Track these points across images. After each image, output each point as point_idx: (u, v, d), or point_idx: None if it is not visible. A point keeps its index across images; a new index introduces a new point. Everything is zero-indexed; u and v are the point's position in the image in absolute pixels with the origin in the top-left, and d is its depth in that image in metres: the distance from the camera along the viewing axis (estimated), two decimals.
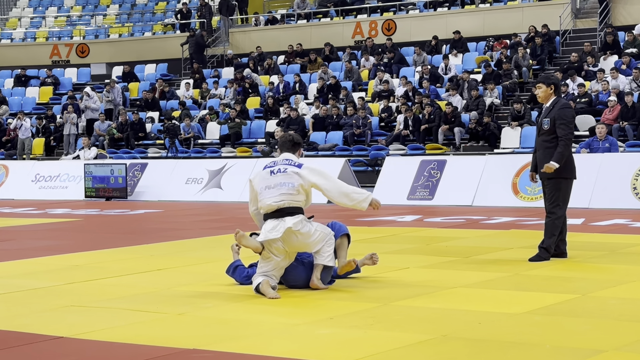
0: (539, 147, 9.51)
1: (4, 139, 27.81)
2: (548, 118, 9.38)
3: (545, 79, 9.58)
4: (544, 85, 9.50)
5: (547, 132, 9.40)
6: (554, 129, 9.34)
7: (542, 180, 9.55)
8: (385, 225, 13.85)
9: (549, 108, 9.45)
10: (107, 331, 6.57)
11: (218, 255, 10.69)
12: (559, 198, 9.41)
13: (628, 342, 5.90)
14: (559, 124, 9.32)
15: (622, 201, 15.29)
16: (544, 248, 9.44)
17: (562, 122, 9.33)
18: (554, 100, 9.48)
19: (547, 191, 9.51)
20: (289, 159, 8.26)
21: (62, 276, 9.27)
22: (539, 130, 9.55)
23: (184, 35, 33.76)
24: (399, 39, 29.76)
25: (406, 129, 23.08)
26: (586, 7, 29.15)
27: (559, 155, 9.28)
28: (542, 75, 9.88)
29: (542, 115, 9.56)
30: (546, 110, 9.49)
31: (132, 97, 30.21)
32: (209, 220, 15.59)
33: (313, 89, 27.22)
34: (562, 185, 9.42)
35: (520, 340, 6.03)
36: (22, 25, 38.85)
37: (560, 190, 9.41)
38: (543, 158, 9.41)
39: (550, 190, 9.45)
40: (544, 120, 9.43)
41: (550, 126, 9.35)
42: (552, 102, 9.47)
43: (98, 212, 17.72)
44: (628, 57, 23.83)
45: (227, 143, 25.02)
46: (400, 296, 7.68)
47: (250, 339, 6.24)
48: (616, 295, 7.61)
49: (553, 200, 9.41)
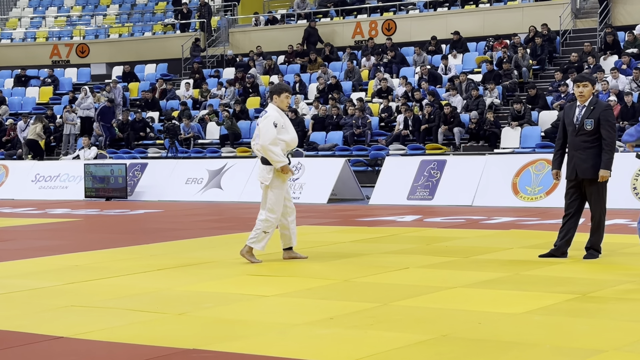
0: (578, 147, 9.40)
1: (4, 139, 27.80)
2: (591, 119, 9.30)
3: (590, 79, 9.49)
4: (591, 83, 9.44)
5: (588, 132, 9.32)
6: (598, 129, 9.29)
7: (583, 181, 9.46)
8: (385, 225, 13.85)
9: (590, 108, 9.37)
10: (107, 331, 6.57)
11: (218, 255, 10.70)
12: (605, 197, 9.45)
13: (628, 342, 5.91)
14: (606, 126, 9.27)
15: (622, 201, 15.29)
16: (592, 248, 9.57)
17: (609, 124, 9.28)
18: (592, 100, 9.43)
19: (593, 192, 9.45)
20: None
21: (62, 276, 9.27)
22: (576, 130, 9.41)
23: (184, 35, 33.77)
24: (399, 39, 29.76)
25: (406, 129, 23.08)
26: (586, 7, 29.14)
27: (609, 162, 9.28)
28: (582, 74, 9.74)
29: (581, 115, 9.41)
30: (586, 110, 9.38)
31: (132, 97, 30.21)
32: (209, 220, 15.59)
33: (313, 89, 27.23)
34: (605, 185, 9.48)
35: (520, 340, 6.03)
36: (22, 25, 38.85)
37: (606, 190, 9.47)
38: (586, 158, 9.34)
39: (598, 191, 9.43)
40: (586, 121, 9.32)
41: (594, 127, 9.31)
42: (591, 102, 9.40)
43: (98, 212, 17.73)
44: (628, 57, 23.83)
45: (227, 143, 25.02)
46: (400, 296, 7.68)
47: (250, 339, 6.24)
48: (616, 295, 7.61)
49: (599, 201, 9.43)
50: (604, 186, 9.48)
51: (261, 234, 9.78)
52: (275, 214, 9.78)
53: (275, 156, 9.70)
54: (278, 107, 9.91)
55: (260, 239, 9.78)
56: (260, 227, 9.78)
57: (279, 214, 9.80)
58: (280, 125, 9.77)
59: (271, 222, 9.79)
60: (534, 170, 16.67)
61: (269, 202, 9.81)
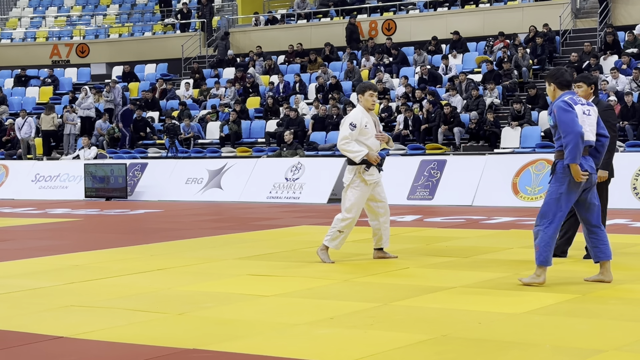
0: None
1: (4, 139, 27.80)
2: None
3: (585, 79, 9.46)
4: (585, 84, 9.38)
5: None
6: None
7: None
8: None
9: None
10: (107, 331, 6.57)
11: (218, 255, 10.70)
12: (605, 199, 9.46)
13: (628, 342, 5.91)
14: (606, 127, 9.28)
15: (622, 201, 15.29)
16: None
17: (608, 124, 9.25)
18: (593, 100, 9.43)
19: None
20: None
21: (62, 276, 9.27)
22: None
23: (184, 35, 33.78)
24: (399, 39, 29.76)
25: (406, 128, 23.08)
26: (586, 7, 29.14)
27: (607, 164, 9.29)
28: (581, 75, 9.76)
29: None
30: None
31: (132, 97, 30.21)
32: (209, 220, 15.59)
33: (313, 89, 27.23)
34: (607, 185, 9.50)
35: (520, 340, 6.03)
36: (22, 25, 38.85)
37: (607, 191, 9.50)
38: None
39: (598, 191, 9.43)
40: None
41: None
42: (593, 102, 9.42)
43: (98, 212, 17.73)
44: (628, 57, 23.83)
45: (227, 143, 25.02)
46: (400, 296, 7.68)
47: (250, 339, 6.24)
48: (616, 295, 7.61)
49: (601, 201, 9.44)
50: (605, 187, 9.48)
51: (336, 232, 9.66)
52: (351, 214, 9.61)
53: (352, 153, 9.53)
54: (363, 107, 9.72)
55: (334, 238, 9.67)
56: (336, 226, 9.67)
57: (355, 215, 9.63)
58: (363, 125, 9.58)
59: (347, 222, 9.62)
60: (534, 170, 16.67)
61: (347, 202, 9.64)
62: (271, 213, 16.46)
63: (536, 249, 8.00)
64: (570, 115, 7.86)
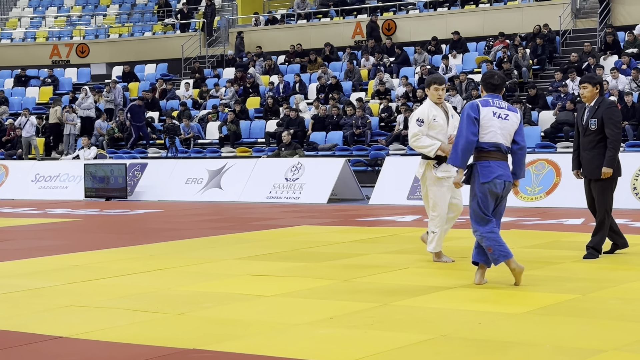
0: (585, 147, 9.49)
1: (4, 139, 27.80)
2: (595, 118, 9.35)
3: (590, 79, 9.52)
4: (590, 85, 9.45)
5: (594, 132, 9.38)
6: (602, 128, 9.33)
7: (590, 180, 9.55)
8: (385, 225, 13.85)
9: (595, 108, 9.41)
10: (107, 331, 6.57)
11: (218, 255, 10.70)
12: (610, 198, 9.47)
13: (628, 342, 5.91)
14: (608, 124, 9.31)
15: (622, 201, 15.27)
16: (593, 247, 9.56)
17: (611, 122, 9.30)
18: (598, 99, 9.45)
19: (597, 191, 9.49)
20: None
21: (62, 276, 9.27)
22: (584, 130, 9.48)
23: (184, 35, 33.78)
24: (399, 39, 29.77)
25: (406, 128, 23.08)
26: (586, 7, 29.14)
27: (611, 160, 9.33)
28: (586, 75, 9.82)
29: (586, 115, 9.46)
30: (591, 109, 9.43)
31: (132, 97, 30.20)
32: (209, 220, 15.58)
33: (313, 89, 27.23)
34: (613, 184, 9.51)
35: (520, 340, 6.03)
36: (22, 25, 38.85)
37: (611, 190, 9.51)
38: (592, 158, 9.42)
39: (602, 190, 9.46)
40: (590, 121, 9.38)
41: (598, 126, 9.33)
42: (597, 102, 9.44)
43: (98, 212, 17.72)
44: (628, 57, 23.83)
45: (226, 143, 25.02)
46: (400, 296, 7.68)
47: (250, 339, 6.24)
48: (616, 295, 7.61)
49: (603, 201, 9.47)
50: (609, 186, 9.50)
51: (430, 235, 9.48)
52: (438, 210, 9.37)
53: (425, 148, 9.24)
54: (430, 101, 9.47)
55: (431, 241, 9.48)
56: (429, 229, 9.50)
57: (442, 211, 9.37)
58: (431, 119, 9.30)
59: (436, 221, 9.42)
60: (534, 170, 16.66)
61: (432, 200, 9.40)
62: (271, 213, 16.46)
63: (489, 251, 8.01)
64: (466, 119, 7.92)
